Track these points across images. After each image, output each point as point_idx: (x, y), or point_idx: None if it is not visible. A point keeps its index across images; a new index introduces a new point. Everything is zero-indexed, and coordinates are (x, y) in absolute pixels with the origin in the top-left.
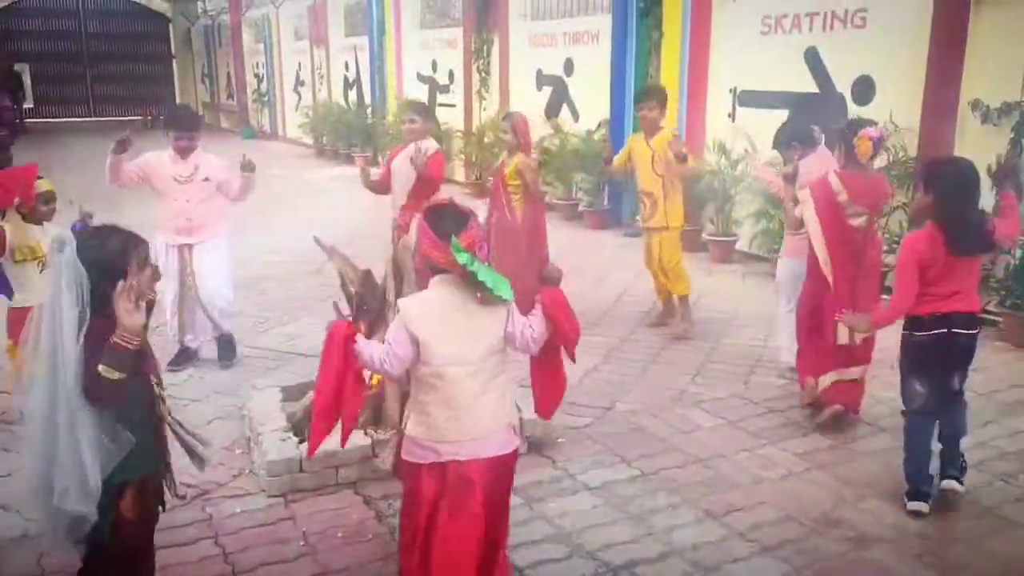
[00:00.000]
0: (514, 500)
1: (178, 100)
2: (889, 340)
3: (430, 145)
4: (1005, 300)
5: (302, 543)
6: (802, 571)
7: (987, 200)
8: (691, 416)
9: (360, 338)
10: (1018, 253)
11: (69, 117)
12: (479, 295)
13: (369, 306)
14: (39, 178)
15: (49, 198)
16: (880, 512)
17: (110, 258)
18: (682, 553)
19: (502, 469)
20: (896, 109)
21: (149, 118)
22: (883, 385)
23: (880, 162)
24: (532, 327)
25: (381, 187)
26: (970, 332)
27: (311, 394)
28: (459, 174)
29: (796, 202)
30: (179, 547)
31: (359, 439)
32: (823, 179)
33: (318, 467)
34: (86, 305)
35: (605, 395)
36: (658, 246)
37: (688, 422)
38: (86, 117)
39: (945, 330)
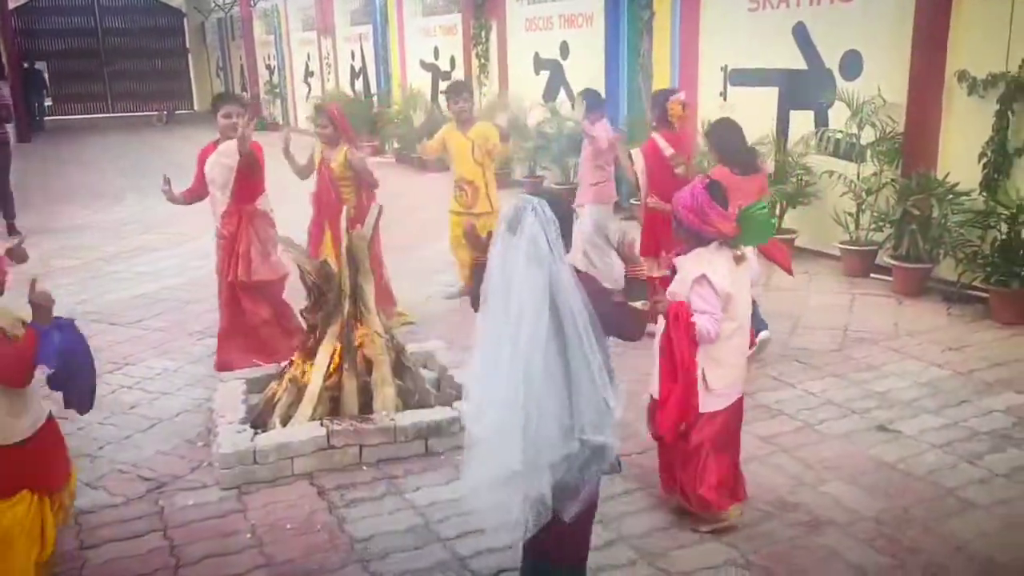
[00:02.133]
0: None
1: (194, 94)
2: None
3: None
4: (991, 277)
5: (249, 535)
6: (748, 556)
7: None
8: None
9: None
10: (1004, 229)
11: (87, 114)
12: (736, 255)
13: (326, 296)
14: None
15: None
16: (838, 495)
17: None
18: (629, 540)
19: None
20: (883, 83)
21: (164, 113)
22: (859, 366)
23: (868, 137)
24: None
25: (193, 195)
26: None
27: (272, 385)
28: None
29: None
30: (127, 540)
31: (315, 430)
32: (651, 143)
33: (272, 459)
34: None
35: None
36: (484, 229)
37: None
38: (104, 113)
39: None
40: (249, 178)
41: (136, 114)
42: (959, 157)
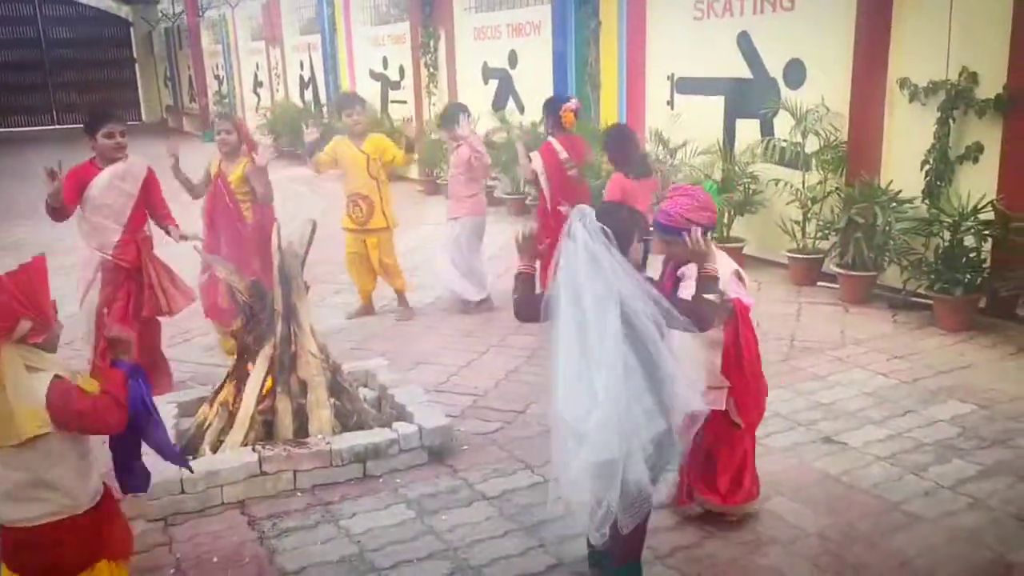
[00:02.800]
0: (406, 513)
1: (142, 105)
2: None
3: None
4: (934, 284)
5: (173, 571)
6: None
7: None
8: None
9: None
10: (946, 236)
11: (31, 126)
12: None
13: (259, 315)
14: None
15: None
16: (782, 512)
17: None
18: (571, 565)
19: None
20: (827, 92)
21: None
22: (806, 377)
23: (812, 146)
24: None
25: (60, 214)
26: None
27: (203, 409)
28: (413, 171)
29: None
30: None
31: (246, 455)
32: (547, 144)
33: (201, 487)
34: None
35: (519, 397)
36: (377, 246)
37: None
38: (50, 125)
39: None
40: (150, 205)
41: (82, 126)
42: (902, 165)
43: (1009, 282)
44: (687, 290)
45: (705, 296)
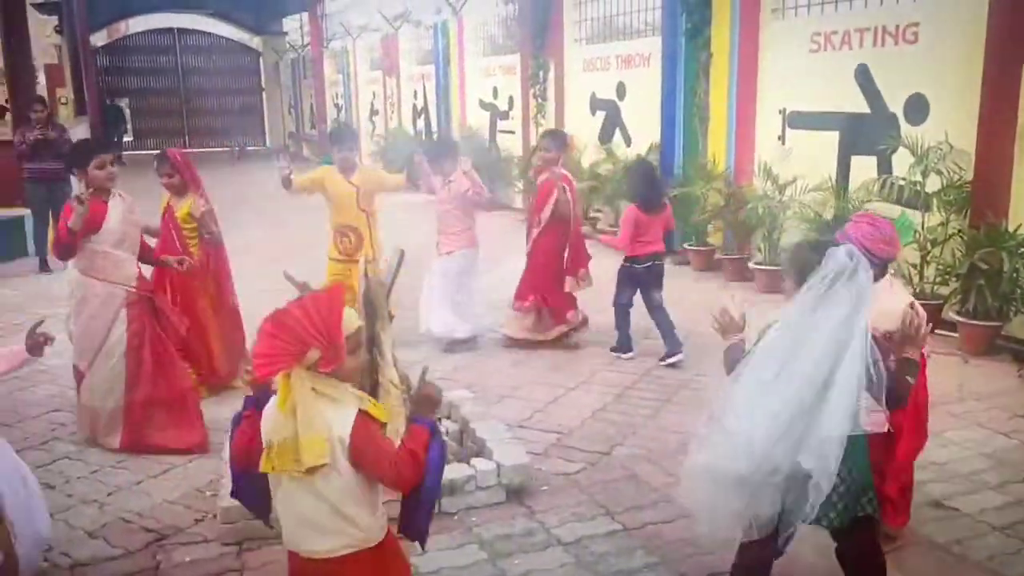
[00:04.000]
0: (478, 554)
1: (267, 131)
2: None
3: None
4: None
5: None
6: None
7: None
8: None
9: None
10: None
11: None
12: None
13: None
14: None
15: None
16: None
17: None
18: None
19: None
20: (951, 129)
21: (238, 149)
22: None
23: (934, 185)
24: None
25: (73, 250)
26: (660, 263)
27: None
28: (517, 201)
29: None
30: None
31: None
32: (566, 177)
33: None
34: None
35: (606, 439)
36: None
37: None
38: (182, 148)
39: (651, 263)
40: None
41: (211, 149)
42: None
43: None
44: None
45: (907, 378)
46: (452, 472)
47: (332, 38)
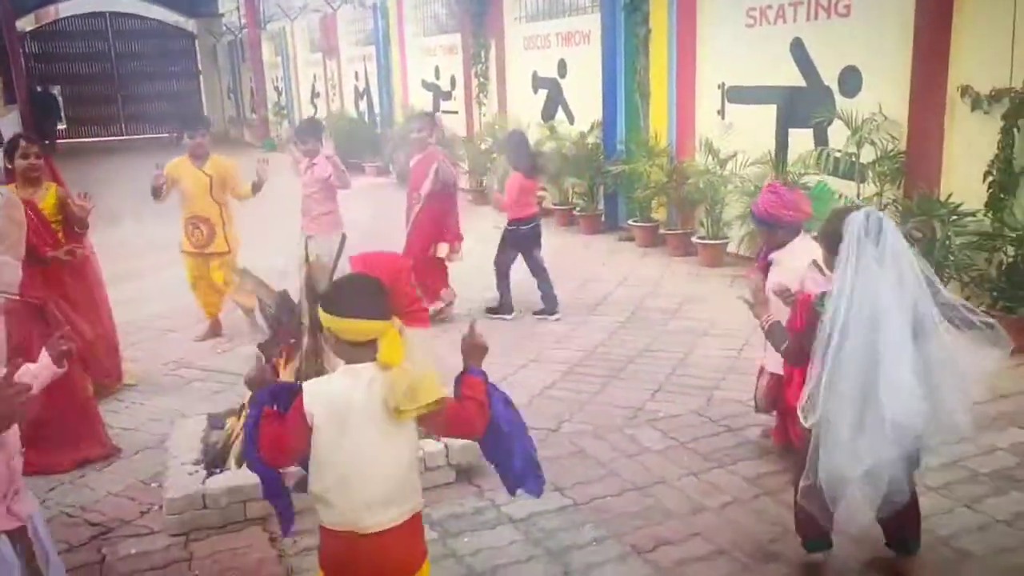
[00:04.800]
0: (429, 534)
1: (207, 113)
2: None
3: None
4: (996, 302)
5: None
6: None
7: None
8: (641, 437)
9: None
10: (1010, 251)
11: (100, 136)
12: None
13: (286, 327)
14: None
15: None
16: None
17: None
18: None
19: None
20: (884, 100)
21: (175, 135)
22: None
23: (868, 156)
24: None
25: None
26: (539, 224)
27: (231, 421)
28: (462, 181)
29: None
30: None
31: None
32: (442, 154)
33: (224, 503)
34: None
35: (553, 415)
36: (218, 270)
37: (636, 444)
38: (118, 136)
39: (534, 224)
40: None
41: (148, 136)
42: (963, 176)
43: None
44: (776, 276)
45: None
46: None
47: (270, 19)
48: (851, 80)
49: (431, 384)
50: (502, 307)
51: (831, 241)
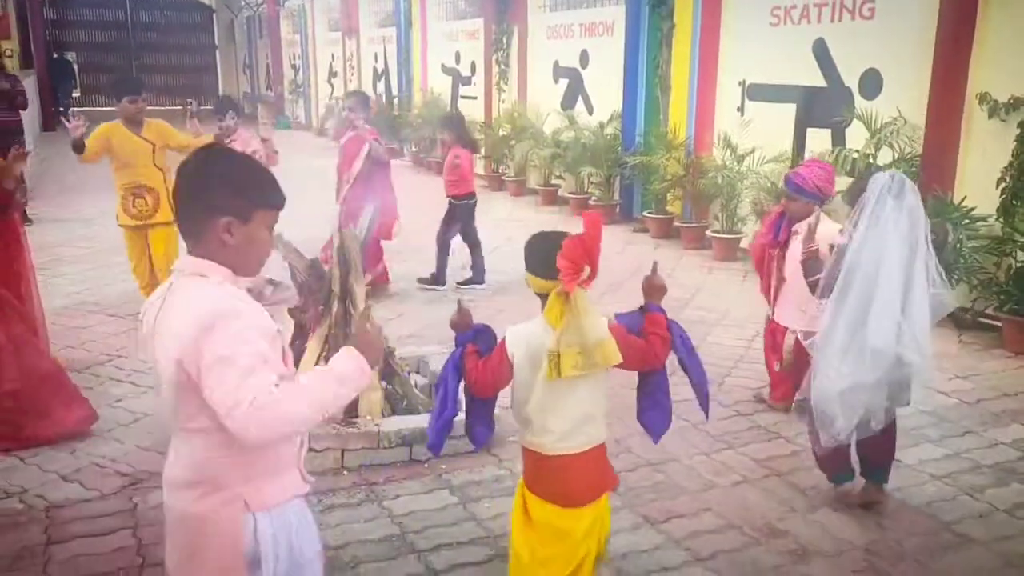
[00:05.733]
0: (448, 499)
1: (221, 90)
2: None
3: None
4: (1004, 304)
5: None
6: None
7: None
8: None
9: None
10: (1020, 256)
11: (114, 106)
12: None
13: (316, 295)
14: None
15: None
16: (829, 524)
17: None
18: (611, 561)
19: None
20: (903, 104)
21: (190, 107)
22: None
23: (885, 158)
24: None
25: None
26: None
27: None
28: (479, 166)
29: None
30: (95, 537)
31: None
32: (372, 131)
33: None
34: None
35: None
36: (164, 241)
37: None
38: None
39: (475, 199)
40: None
41: (162, 108)
42: (977, 181)
43: None
44: (797, 245)
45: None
46: (422, 421)
47: None
48: (871, 82)
49: (610, 349)
50: (436, 280)
51: (857, 196)
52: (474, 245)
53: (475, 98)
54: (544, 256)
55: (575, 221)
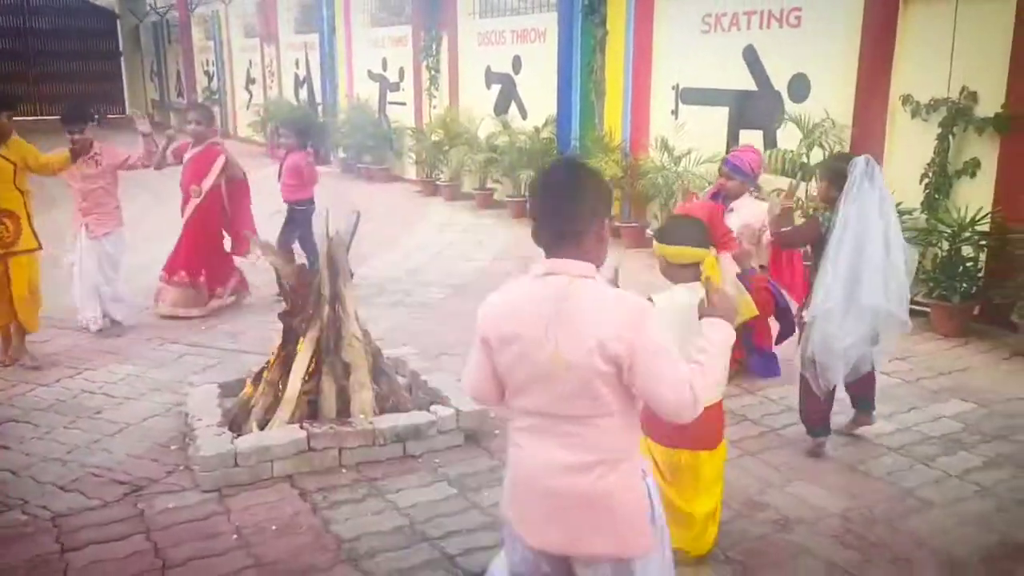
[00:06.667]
0: (448, 490)
1: (127, 98)
2: None
3: None
4: (933, 291)
5: (235, 537)
6: (728, 551)
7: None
8: None
9: None
10: (945, 246)
11: (13, 116)
12: None
13: (304, 300)
14: None
15: None
16: (805, 495)
17: None
18: None
19: None
20: (830, 106)
21: (95, 116)
22: None
23: (816, 157)
24: None
25: None
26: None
27: (247, 389)
28: (410, 172)
29: None
30: (110, 543)
31: (294, 432)
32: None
33: (253, 461)
34: None
35: None
36: (27, 268)
37: None
38: (31, 116)
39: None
40: None
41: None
42: (902, 178)
43: (1003, 291)
44: (734, 221)
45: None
46: (415, 418)
47: (198, 3)
48: (800, 86)
49: (748, 304)
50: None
51: (836, 176)
52: (312, 253)
53: (404, 104)
54: (699, 228)
55: (516, 224)
